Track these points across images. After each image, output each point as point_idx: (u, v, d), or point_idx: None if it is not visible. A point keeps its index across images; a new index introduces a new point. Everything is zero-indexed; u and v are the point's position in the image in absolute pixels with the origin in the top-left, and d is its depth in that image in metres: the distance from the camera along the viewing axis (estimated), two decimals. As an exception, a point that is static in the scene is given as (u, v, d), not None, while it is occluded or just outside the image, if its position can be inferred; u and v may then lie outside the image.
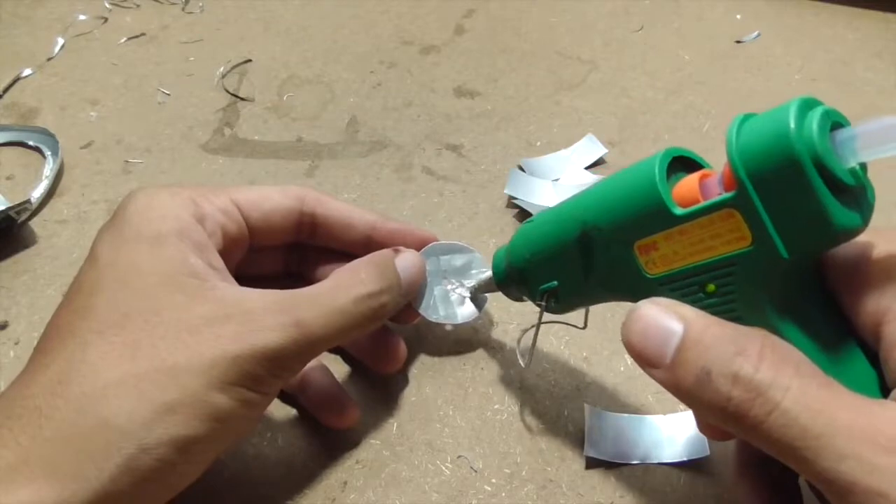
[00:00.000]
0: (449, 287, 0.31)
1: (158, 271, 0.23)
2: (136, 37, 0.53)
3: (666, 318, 0.19)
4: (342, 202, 0.30)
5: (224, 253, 0.26)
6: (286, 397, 0.30)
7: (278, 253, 0.31)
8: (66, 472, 0.20)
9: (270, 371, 0.23)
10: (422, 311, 0.30)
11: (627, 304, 0.33)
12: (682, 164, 0.21)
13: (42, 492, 0.19)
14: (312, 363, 0.30)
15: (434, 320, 0.30)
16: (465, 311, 0.31)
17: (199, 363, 0.22)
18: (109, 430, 0.20)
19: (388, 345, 0.30)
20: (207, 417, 0.22)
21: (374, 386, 0.31)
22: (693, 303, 0.20)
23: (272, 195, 0.28)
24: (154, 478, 0.21)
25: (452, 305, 0.31)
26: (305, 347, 0.24)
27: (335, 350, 0.32)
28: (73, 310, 0.23)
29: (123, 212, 0.25)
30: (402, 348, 0.30)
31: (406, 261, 0.28)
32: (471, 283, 0.31)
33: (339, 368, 0.32)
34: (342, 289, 0.25)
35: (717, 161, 0.19)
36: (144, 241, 0.24)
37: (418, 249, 0.30)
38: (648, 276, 0.22)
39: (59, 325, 0.23)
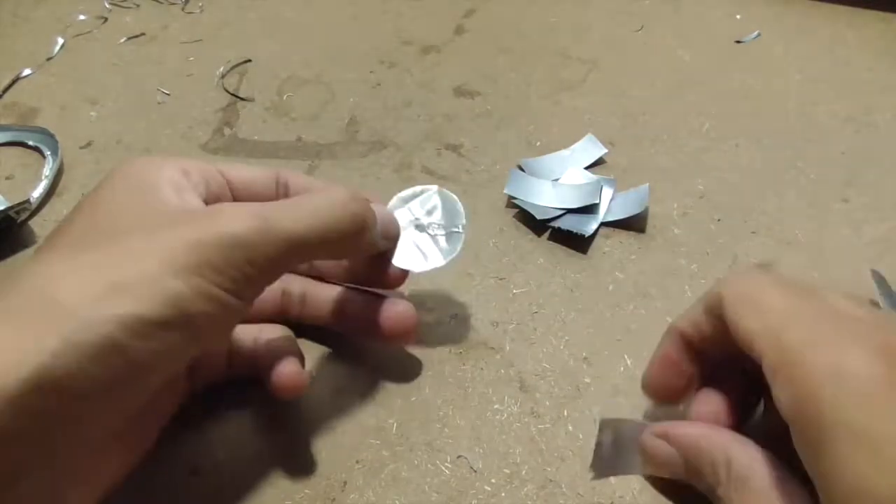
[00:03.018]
0: (423, 233, 0.31)
1: (133, 195, 0.24)
2: (136, 37, 0.53)
3: None
4: (312, 178, 0.31)
5: None
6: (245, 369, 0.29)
7: None
8: (5, 345, 0.19)
9: (232, 262, 0.22)
10: (402, 264, 0.30)
11: (628, 308, 0.34)
12: None
13: None
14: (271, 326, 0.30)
15: (419, 271, 0.30)
16: (445, 251, 0.31)
17: (156, 247, 0.22)
18: (56, 307, 0.20)
19: (380, 262, 0.30)
20: (161, 300, 0.21)
21: (373, 386, 0.31)
22: None
23: (250, 167, 0.29)
24: (102, 359, 0.20)
25: (431, 249, 0.31)
26: (271, 241, 0.23)
27: (330, 344, 0.32)
28: (49, 239, 0.24)
29: (107, 175, 0.26)
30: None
31: (378, 208, 0.29)
32: (443, 221, 0.31)
33: (337, 367, 0.32)
34: (313, 194, 0.26)
35: (714, 160, 0.19)
36: (123, 182, 0.25)
37: None
38: None
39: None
